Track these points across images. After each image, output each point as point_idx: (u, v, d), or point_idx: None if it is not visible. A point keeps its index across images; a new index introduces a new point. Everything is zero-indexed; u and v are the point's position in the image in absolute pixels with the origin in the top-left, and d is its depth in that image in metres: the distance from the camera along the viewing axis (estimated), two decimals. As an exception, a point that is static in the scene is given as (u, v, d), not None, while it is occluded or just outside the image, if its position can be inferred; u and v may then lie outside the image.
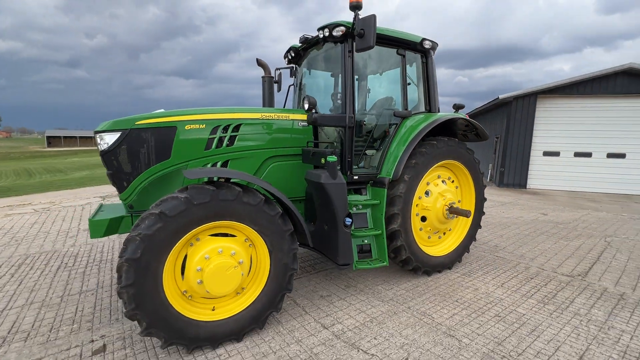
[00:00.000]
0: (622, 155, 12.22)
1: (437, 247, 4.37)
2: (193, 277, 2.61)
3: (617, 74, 11.72)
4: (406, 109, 4.02)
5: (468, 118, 4.25)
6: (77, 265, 4.56)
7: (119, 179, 2.96)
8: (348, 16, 3.81)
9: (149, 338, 2.88)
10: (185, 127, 3.08)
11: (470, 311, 3.37)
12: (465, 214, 4.02)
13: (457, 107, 4.45)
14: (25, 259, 4.84)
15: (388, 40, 3.80)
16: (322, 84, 4.81)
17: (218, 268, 2.59)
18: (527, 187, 13.24)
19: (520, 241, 5.80)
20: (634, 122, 11.93)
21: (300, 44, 4.22)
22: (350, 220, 3.23)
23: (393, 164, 3.70)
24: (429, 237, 4.27)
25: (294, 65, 4.74)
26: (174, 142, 3.04)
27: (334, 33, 3.45)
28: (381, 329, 3.04)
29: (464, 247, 4.51)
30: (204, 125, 3.17)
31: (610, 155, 12.34)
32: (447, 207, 4.10)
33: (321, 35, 3.60)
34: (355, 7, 3.28)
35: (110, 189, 11.34)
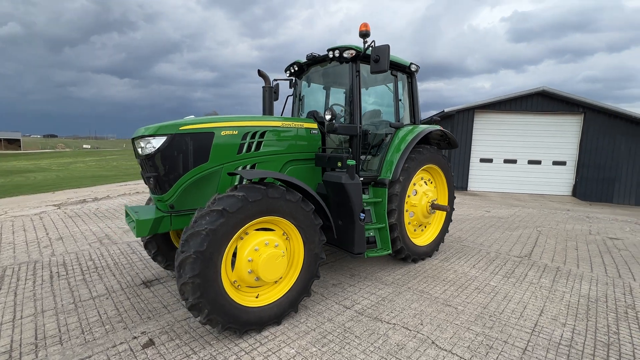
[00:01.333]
0: (539, 162, 14.77)
1: (421, 238, 5.13)
2: (244, 268, 2.92)
3: (533, 95, 14.22)
4: (398, 121, 4.74)
5: (444, 130, 5.13)
6: (72, 273, 4.37)
7: (162, 181, 3.13)
8: (295, 25, 4.42)
9: (192, 329, 3.07)
10: (221, 133, 3.36)
11: (457, 287, 4.14)
12: (445, 209, 4.85)
13: (434, 121, 5.30)
14: (4, 270, 4.47)
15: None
16: (319, 97, 5.33)
17: (269, 258, 2.94)
18: (468, 189, 15.19)
19: (476, 233, 6.92)
20: (547, 134, 14.52)
21: (305, 60, 4.69)
22: (364, 215, 3.79)
23: (391, 167, 4.37)
24: (414, 230, 5.01)
25: (293, 78, 5.19)
26: (212, 146, 3.30)
27: (345, 54, 4.02)
28: (393, 305, 3.63)
29: (440, 238, 5.36)
30: (237, 132, 3.47)
31: (530, 162, 14.81)
32: (429, 204, 4.89)
33: (331, 55, 4.14)
34: (365, 35, 3.90)
35: (62, 197, 10.34)
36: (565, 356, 2.81)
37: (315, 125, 4.19)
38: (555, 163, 14.68)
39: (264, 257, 2.91)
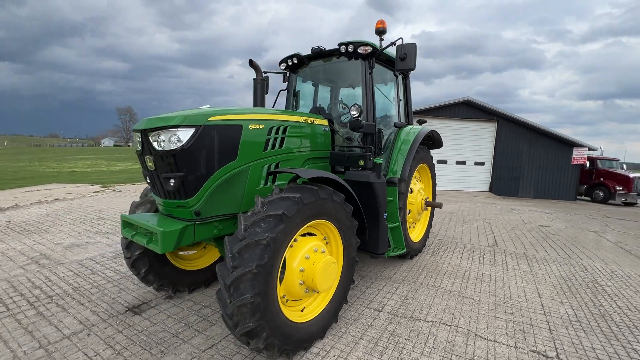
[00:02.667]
0: (464, 162, 16.84)
1: (413, 235, 5.32)
2: (296, 279, 2.58)
3: (459, 104, 16.16)
4: (399, 121, 4.82)
5: (433, 130, 5.41)
6: (15, 308, 3.30)
7: (187, 183, 2.55)
8: (221, 20, 4.32)
9: (226, 357, 2.59)
10: (249, 127, 2.92)
11: (460, 278, 4.39)
12: (439, 205, 5.11)
13: (421, 122, 5.55)
14: None
15: (387, 62, 4.49)
16: (309, 94, 5.09)
17: (324, 265, 2.64)
18: (408, 187, 16.46)
19: (444, 227, 7.50)
20: (470, 138, 16.64)
21: (308, 54, 4.41)
22: (386, 214, 3.74)
23: (399, 167, 4.41)
24: (409, 227, 5.17)
25: (287, 72, 4.85)
26: (240, 142, 2.84)
27: (359, 50, 3.90)
28: (419, 302, 3.66)
29: (427, 234, 5.64)
30: (263, 126, 3.07)
31: (457, 162, 16.78)
32: (424, 201, 5.10)
33: (343, 50, 3.98)
34: (381, 32, 3.85)
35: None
36: (581, 330, 3.20)
37: (326, 122, 3.98)
38: (476, 163, 16.92)
39: (320, 266, 2.61)
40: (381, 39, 3.91)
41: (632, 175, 15.94)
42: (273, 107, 4.93)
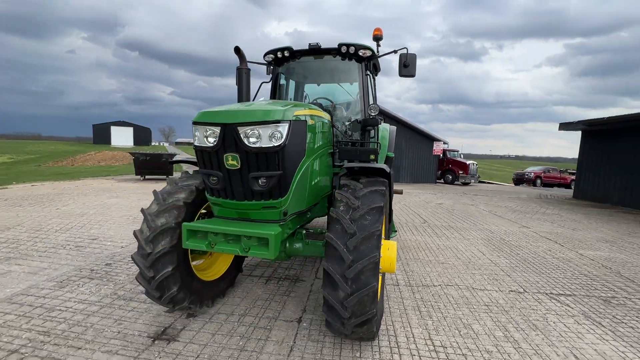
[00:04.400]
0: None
1: (378, 219, 6.06)
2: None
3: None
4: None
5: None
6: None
7: (283, 181, 2.36)
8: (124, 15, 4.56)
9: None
10: (309, 122, 2.87)
11: (428, 250, 5.36)
12: (400, 191, 5.98)
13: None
14: None
15: (374, 66, 4.88)
16: (299, 87, 5.07)
17: (394, 249, 2.92)
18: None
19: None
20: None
21: (302, 49, 4.40)
22: None
23: (383, 159, 4.97)
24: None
25: (271, 64, 4.68)
26: (307, 137, 2.78)
27: (360, 53, 4.21)
28: (418, 273, 4.35)
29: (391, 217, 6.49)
30: (314, 122, 3.05)
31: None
32: (387, 189, 5.88)
33: (344, 50, 4.20)
34: (378, 39, 4.26)
35: None
36: (522, 271, 4.56)
37: (329, 117, 4.16)
38: (369, 155, 19.47)
39: (394, 250, 2.89)
40: (378, 45, 4.33)
41: (468, 162, 21.64)
42: (254, 98, 4.67)
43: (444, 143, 21.28)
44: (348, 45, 4.15)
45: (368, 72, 4.38)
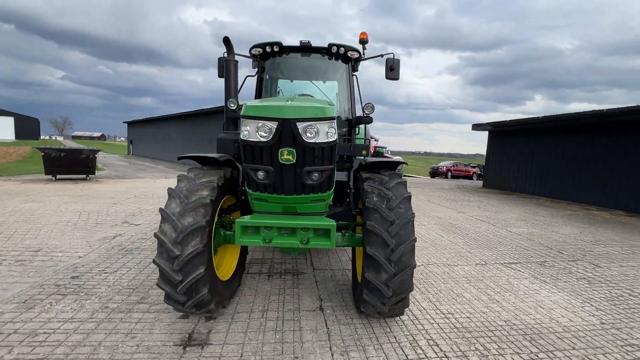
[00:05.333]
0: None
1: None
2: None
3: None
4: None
5: None
6: None
7: (332, 176, 2.45)
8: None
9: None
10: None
11: (433, 249, 5.93)
12: None
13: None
14: None
15: (350, 59, 5.11)
16: (274, 83, 5.01)
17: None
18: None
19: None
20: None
21: (292, 45, 4.43)
22: None
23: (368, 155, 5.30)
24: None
25: (257, 58, 4.59)
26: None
27: (349, 54, 4.45)
28: (430, 257, 4.84)
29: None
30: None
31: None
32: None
33: (334, 50, 4.38)
34: (364, 42, 4.56)
35: None
36: (484, 248, 5.43)
37: None
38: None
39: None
40: (364, 48, 4.62)
41: (394, 158, 23.90)
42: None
43: (375, 140, 23.05)
44: (338, 46, 4.35)
45: (354, 73, 4.65)
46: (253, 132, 2.33)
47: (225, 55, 4.23)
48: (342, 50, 4.32)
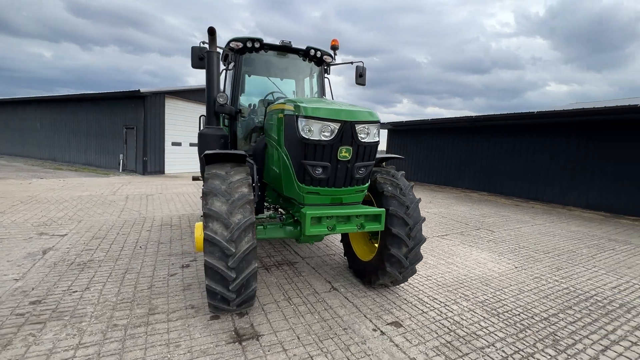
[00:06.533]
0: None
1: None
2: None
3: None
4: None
5: None
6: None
7: (371, 170, 2.85)
8: None
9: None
10: None
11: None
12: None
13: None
14: None
15: (323, 62, 5.37)
16: (257, 80, 5.00)
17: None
18: (165, 172, 15.50)
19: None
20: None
21: (271, 43, 4.50)
22: None
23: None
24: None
25: (232, 52, 4.48)
26: None
27: (324, 58, 4.82)
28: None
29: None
30: None
31: (192, 145, 17.73)
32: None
33: (312, 53, 4.68)
34: (335, 48, 4.99)
35: None
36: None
37: None
38: (221, 146, 18.88)
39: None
40: (335, 53, 5.04)
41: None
42: (224, 87, 4.36)
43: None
44: (316, 50, 4.69)
45: (327, 76, 5.06)
46: (317, 131, 2.54)
47: (207, 46, 4.06)
48: (319, 53, 4.67)
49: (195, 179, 6.15)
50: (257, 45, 4.41)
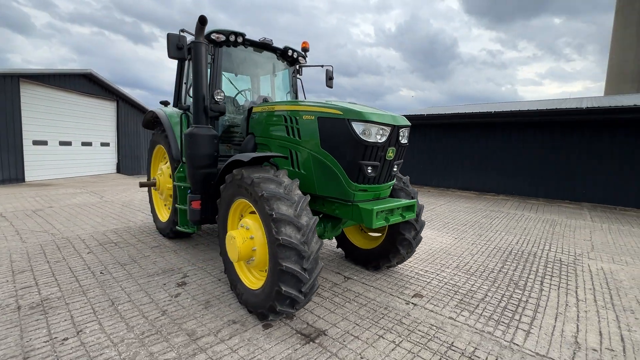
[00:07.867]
0: (90, 144, 14.97)
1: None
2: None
3: (80, 76, 13.91)
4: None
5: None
6: None
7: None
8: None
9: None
10: None
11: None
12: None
13: (165, 103, 5.12)
14: None
15: (296, 62, 5.25)
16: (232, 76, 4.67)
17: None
18: (26, 180, 11.93)
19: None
20: (94, 116, 15.00)
21: (252, 39, 4.33)
22: None
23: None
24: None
25: (213, 45, 4.11)
26: None
27: (299, 59, 4.90)
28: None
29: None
30: None
31: (83, 144, 14.57)
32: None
33: (290, 53, 4.71)
34: (306, 50, 5.11)
35: None
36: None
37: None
38: (102, 144, 15.69)
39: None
40: (305, 55, 5.15)
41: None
42: (210, 83, 3.92)
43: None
44: (293, 50, 4.77)
45: (299, 77, 5.17)
46: (374, 135, 2.78)
47: (191, 36, 3.70)
48: (295, 54, 4.78)
49: (143, 185, 5.19)
50: (239, 39, 4.20)
